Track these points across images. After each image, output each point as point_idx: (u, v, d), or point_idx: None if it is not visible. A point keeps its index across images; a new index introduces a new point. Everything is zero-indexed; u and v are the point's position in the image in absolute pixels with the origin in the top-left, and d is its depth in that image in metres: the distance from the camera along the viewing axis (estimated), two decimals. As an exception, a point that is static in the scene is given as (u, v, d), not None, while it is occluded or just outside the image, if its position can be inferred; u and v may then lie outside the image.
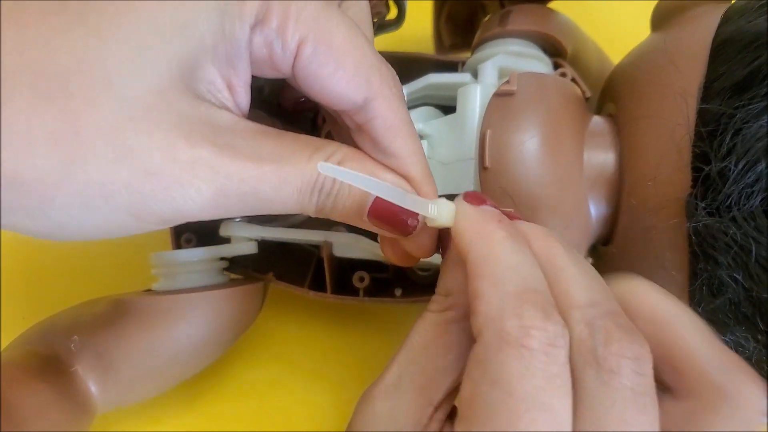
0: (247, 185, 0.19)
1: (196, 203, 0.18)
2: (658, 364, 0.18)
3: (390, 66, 0.22)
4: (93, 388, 0.28)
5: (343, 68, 0.20)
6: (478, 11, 0.38)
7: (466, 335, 0.21)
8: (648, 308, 0.20)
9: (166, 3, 0.18)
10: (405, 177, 0.22)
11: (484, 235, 0.20)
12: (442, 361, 0.21)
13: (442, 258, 0.23)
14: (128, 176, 0.17)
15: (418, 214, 0.21)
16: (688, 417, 0.18)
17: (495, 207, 0.21)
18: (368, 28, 0.26)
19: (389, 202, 0.20)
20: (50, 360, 0.28)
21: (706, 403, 0.18)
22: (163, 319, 0.28)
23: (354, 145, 0.22)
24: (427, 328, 0.22)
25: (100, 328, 0.28)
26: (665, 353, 0.19)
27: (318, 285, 0.31)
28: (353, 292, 0.31)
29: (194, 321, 0.29)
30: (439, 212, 0.21)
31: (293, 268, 0.32)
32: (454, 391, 0.21)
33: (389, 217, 0.21)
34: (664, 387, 0.19)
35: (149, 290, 0.31)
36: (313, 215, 0.21)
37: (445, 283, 0.22)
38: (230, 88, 0.20)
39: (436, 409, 0.20)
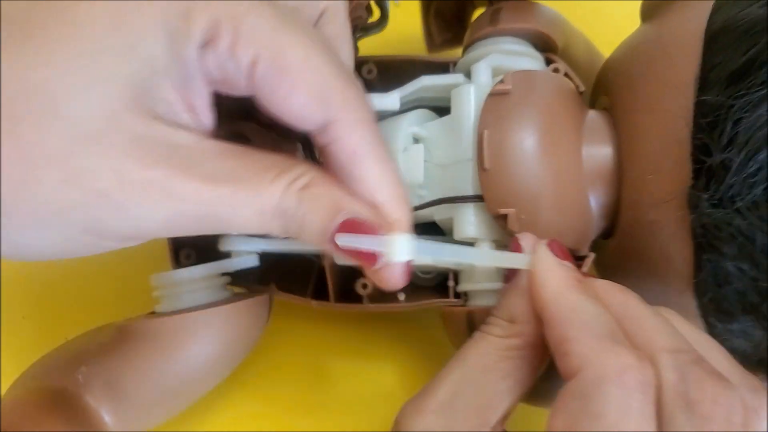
0: (203, 207, 0.19)
1: (151, 223, 0.18)
2: None
3: (358, 86, 0.21)
4: (106, 417, 0.27)
5: (297, 89, 0.19)
6: (466, 5, 0.38)
7: (528, 364, 0.22)
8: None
9: (113, 24, 0.17)
10: (372, 204, 0.20)
11: (565, 291, 0.21)
12: (501, 384, 0.21)
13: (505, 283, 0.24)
14: (80, 196, 0.17)
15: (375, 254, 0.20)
16: None
17: (572, 261, 0.23)
18: (346, 44, 0.25)
19: (350, 231, 0.20)
20: (59, 394, 0.27)
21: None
22: (171, 340, 0.28)
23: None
24: (488, 351, 0.22)
25: (106, 356, 0.28)
26: None
27: (321, 294, 0.31)
28: (356, 299, 0.31)
29: (202, 339, 0.28)
30: (392, 250, 0.20)
31: (295, 279, 0.32)
32: (508, 416, 0.22)
33: (351, 251, 0.20)
34: None
35: (153, 313, 0.30)
36: (281, 237, 0.21)
37: (509, 309, 0.23)
38: (190, 107, 0.19)
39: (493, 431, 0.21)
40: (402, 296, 0.32)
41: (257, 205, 0.19)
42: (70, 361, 0.28)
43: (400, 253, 0.20)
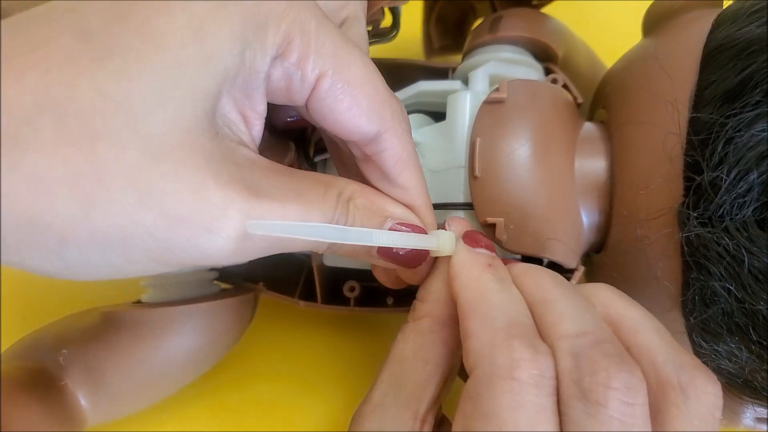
0: None
1: (222, 250, 0.17)
2: None
3: (398, 99, 0.22)
4: (83, 401, 0.28)
5: (358, 103, 0.20)
6: (468, 13, 0.38)
7: (443, 345, 0.22)
8: (605, 309, 0.21)
9: (191, 37, 0.17)
10: (410, 207, 0.22)
11: (474, 279, 0.21)
12: (421, 373, 0.21)
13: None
14: (152, 221, 0.16)
15: (427, 250, 0.22)
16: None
17: (490, 249, 0.23)
18: (366, 46, 0.26)
19: None
20: (39, 374, 0.27)
21: (664, 399, 0.18)
22: (154, 331, 0.28)
23: (357, 171, 0.23)
24: (405, 341, 0.22)
25: (89, 341, 0.28)
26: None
27: (309, 295, 0.31)
28: (344, 301, 0.31)
29: (185, 333, 0.29)
30: (442, 245, 0.22)
31: (284, 278, 0.32)
32: (437, 400, 0.22)
33: (397, 256, 0.22)
34: None
35: (138, 302, 0.30)
36: (321, 252, 0.21)
37: (423, 290, 0.23)
38: (245, 120, 0.19)
39: (423, 421, 0.21)
40: (390, 300, 0.32)
41: (319, 219, 0.19)
42: (52, 343, 0.28)
43: (449, 247, 0.22)
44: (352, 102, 0.20)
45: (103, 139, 0.16)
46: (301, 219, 0.19)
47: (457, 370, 0.23)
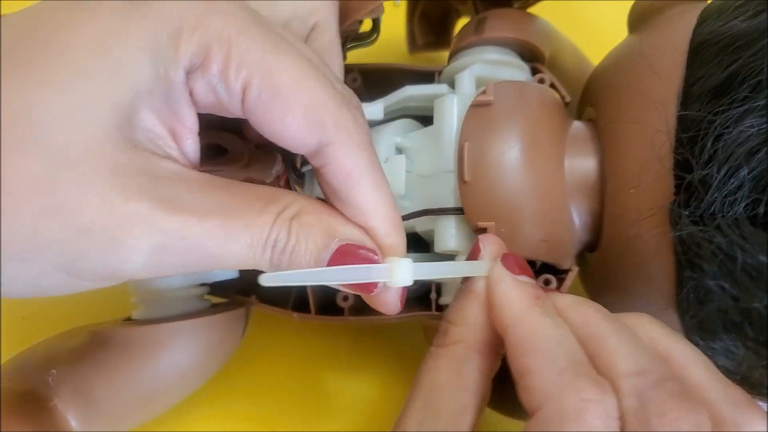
0: (190, 242, 0.18)
1: (133, 262, 0.17)
2: None
3: (354, 108, 0.20)
4: (73, 422, 0.27)
5: (291, 112, 0.19)
6: (451, 11, 0.38)
7: (479, 372, 0.21)
8: (652, 342, 0.20)
9: (98, 48, 0.17)
10: (367, 229, 0.20)
11: (525, 313, 0.20)
12: (459, 401, 0.21)
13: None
14: (58, 231, 0.16)
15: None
16: None
17: (529, 275, 0.22)
18: (336, 58, 0.25)
19: (346, 258, 0.19)
20: (27, 396, 0.27)
21: None
22: (144, 350, 0.28)
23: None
24: (439, 368, 0.22)
25: (78, 361, 0.28)
26: None
27: (302, 306, 0.31)
28: (338, 311, 0.30)
29: (176, 351, 0.28)
30: (395, 277, 0.20)
31: (276, 290, 0.32)
32: (474, 430, 0.21)
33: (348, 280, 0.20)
34: None
35: (128, 319, 0.30)
36: (269, 271, 0.20)
37: (456, 313, 0.22)
38: (174, 135, 0.19)
39: None
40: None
41: (247, 239, 0.18)
42: (41, 363, 0.28)
43: (400, 278, 0.20)
44: (284, 112, 0.19)
45: (6, 149, 0.16)
46: (224, 236, 0.18)
47: (488, 399, 0.22)
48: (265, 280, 0.19)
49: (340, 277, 0.20)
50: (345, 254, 0.19)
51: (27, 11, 0.18)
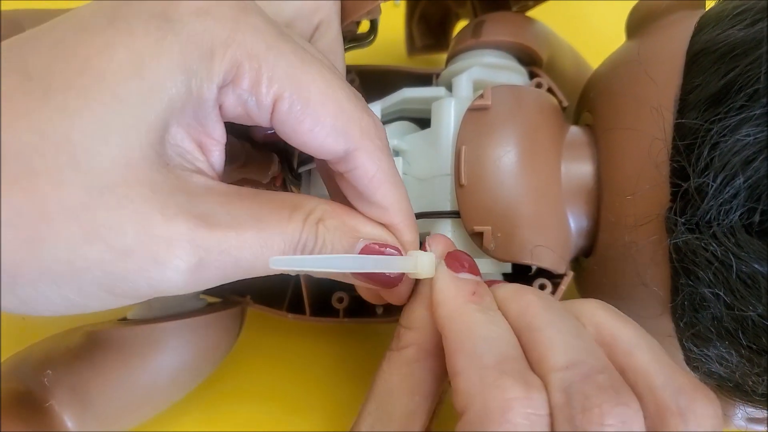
0: (229, 255, 0.18)
1: (173, 281, 0.17)
2: None
3: (372, 114, 0.21)
4: (69, 422, 0.27)
5: (321, 123, 0.19)
6: (450, 13, 0.38)
7: (430, 374, 0.21)
8: (597, 329, 0.20)
9: (131, 71, 0.17)
10: (388, 226, 0.22)
11: (458, 310, 0.20)
12: (408, 404, 0.21)
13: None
14: (99, 255, 0.16)
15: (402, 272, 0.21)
16: None
17: (474, 271, 0.22)
18: (339, 58, 0.25)
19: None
20: (23, 396, 0.27)
21: (663, 424, 0.18)
22: (140, 349, 0.28)
23: (336, 186, 0.22)
24: (391, 371, 0.22)
25: (74, 361, 0.28)
26: (620, 374, 0.19)
27: (297, 307, 0.31)
28: (333, 312, 0.30)
29: (172, 350, 0.28)
30: (420, 267, 0.21)
31: (271, 291, 0.32)
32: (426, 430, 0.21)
33: (373, 275, 0.21)
34: None
35: (124, 319, 0.30)
36: (294, 274, 0.21)
37: (407, 317, 0.23)
38: (202, 148, 0.19)
39: None
40: (380, 310, 0.31)
41: (281, 246, 0.19)
42: (36, 364, 0.28)
43: (428, 269, 0.21)
44: (314, 122, 0.19)
45: (43, 177, 0.16)
46: (260, 245, 0.18)
47: (443, 398, 0.22)
48: (275, 263, 0.19)
49: (369, 266, 0.20)
50: (370, 252, 0.21)
51: (53, 32, 0.18)
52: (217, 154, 0.20)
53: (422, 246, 0.23)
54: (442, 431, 0.23)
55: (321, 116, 0.19)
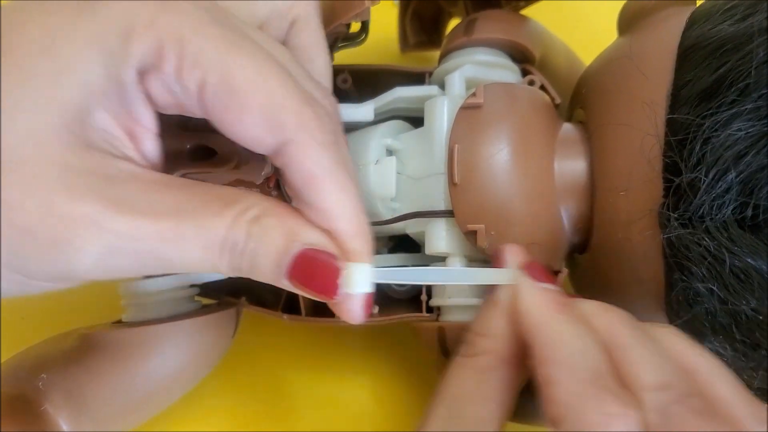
0: (142, 244, 0.17)
1: (81, 263, 0.17)
2: None
3: (321, 107, 0.20)
4: (64, 426, 0.27)
5: (248, 111, 0.18)
6: (443, 10, 0.38)
7: (504, 383, 0.21)
8: (678, 356, 0.20)
9: (45, 48, 0.17)
10: (330, 233, 0.20)
11: (550, 321, 0.20)
12: (482, 412, 0.21)
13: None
14: (3, 232, 0.16)
15: (337, 280, 0.19)
16: None
17: (553, 282, 0.22)
18: (320, 54, 0.25)
19: (307, 263, 0.19)
20: (18, 400, 0.27)
21: None
22: (135, 352, 0.27)
23: None
24: (464, 377, 0.22)
25: (69, 364, 0.27)
26: None
27: (292, 307, 0.31)
28: (329, 312, 0.30)
29: (167, 352, 0.28)
30: (348, 281, 0.20)
31: (266, 291, 0.32)
32: None
33: (308, 281, 0.19)
34: None
35: (119, 322, 0.30)
36: (229, 275, 0.19)
37: (482, 323, 0.22)
38: (131, 135, 0.19)
39: None
40: (375, 309, 0.31)
41: (202, 240, 0.18)
42: (31, 368, 0.27)
43: (358, 284, 0.20)
44: (241, 111, 0.18)
45: None
46: (175, 236, 0.18)
47: (512, 411, 0.22)
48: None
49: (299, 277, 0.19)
50: (305, 258, 0.19)
51: None
52: (149, 143, 0.19)
53: (497, 258, 0.23)
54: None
55: (248, 105, 0.18)
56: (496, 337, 0.22)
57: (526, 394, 0.22)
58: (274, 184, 0.28)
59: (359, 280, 0.20)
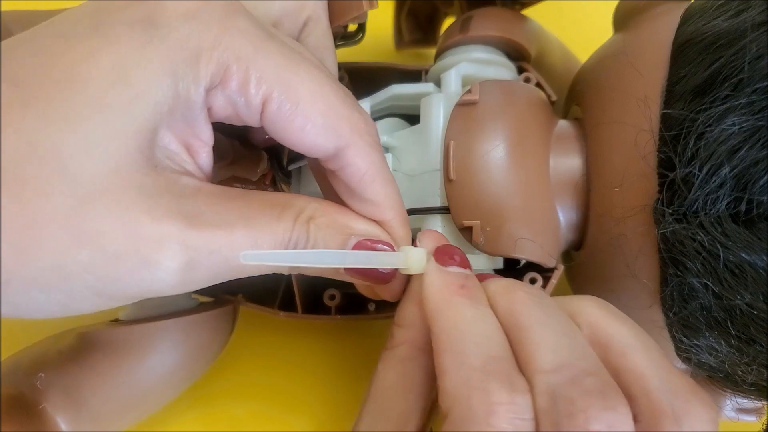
0: (219, 255, 0.18)
1: (164, 282, 0.18)
2: None
3: (363, 111, 0.21)
4: (62, 425, 0.27)
5: (311, 121, 0.19)
6: (439, 8, 0.38)
7: (424, 372, 0.21)
8: (592, 328, 0.20)
9: (116, 77, 0.17)
10: (380, 222, 0.22)
11: (446, 305, 0.20)
12: (403, 403, 0.21)
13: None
14: (89, 259, 0.17)
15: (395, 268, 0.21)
16: None
17: (465, 265, 0.22)
18: (329, 54, 0.25)
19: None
20: (16, 400, 0.27)
21: (656, 425, 0.17)
22: (133, 349, 0.28)
23: (329, 184, 0.22)
24: (386, 370, 0.22)
25: (66, 363, 0.28)
26: (614, 376, 0.18)
27: (289, 305, 0.31)
28: (325, 310, 0.30)
29: (164, 349, 0.28)
30: (410, 263, 0.21)
31: (263, 289, 0.32)
32: (423, 429, 0.21)
33: (365, 270, 0.21)
34: None
35: (116, 320, 0.30)
36: (287, 273, 0.21)
37: (399, 314, 0.23)
38: (189, 150, 0.19)
39: None
40: (372, 306, 0.31)
41: (271, 244, 0.19)
42: (28, 367, 0.28)
43: (415, 265, 0.21)
44: (304, 121, 0.19)
45: (31, 186, 0.16)
46: (251, 244, 0.19)
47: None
48: (247, 258, 0.18)
49: (361, 262, 0.20)
50: (363, 248, 0.21)
51: (37, 39, 0.18)
52: (205, 156, 0.20)
53: (414, 242, 0.23)
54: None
55: (311, 115, 0.19)
56: (411, 326, 0.22)
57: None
58: (270, 180, 0.28)
59: (416, 261, 0.21)
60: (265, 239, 0.19)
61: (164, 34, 0.18)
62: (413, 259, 0.21)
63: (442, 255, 0.22)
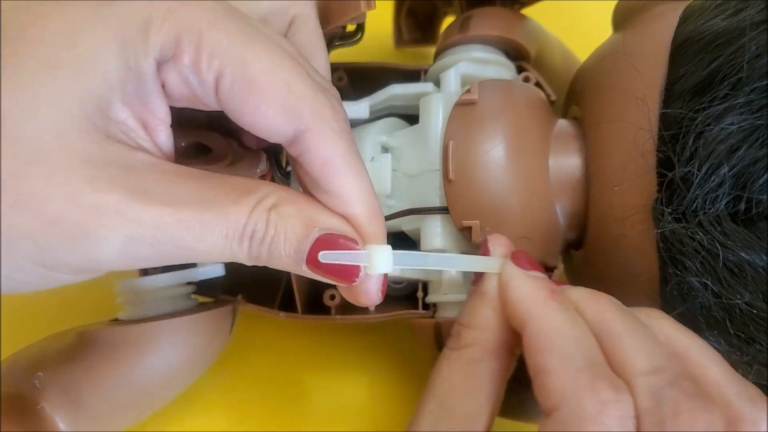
0: (164, 233, 0.17)
1: (105, 252, 0.17)
2: None
3: (333, 98, 0.20)
4: (61, 425, 0.27)
5: (266, 102, 0.19)
6: (438, 8, 0.38)
7: (493, 374, 0.21)
8: (667, 339, 0.21)
9: (67, 40, 0.17)
10: (347, 217, 0.20)
11: (542, 309, 0.20)
12: (471, 404, 0.21)
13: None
14: (29, 223, 0.16)
15: (357, 266, 0.20)
16: None
17: (541, 270, 0.22)
18: (319, 52, 0.25)
19: (326, 248, 0.19)
20: (14, 399, 0.27)
21: (738, 428, 0.18)
22: (132, 349, 0.27)
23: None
24: (452, 370, 0.22)
25: (65, 363, 0.27)
26: None
27: (289, 305, 0.31)
28: (325, 310, 0.30)
29: (164, 350, 0.28)
30: (373, 262, 0.20)
31: (263, 289, 0.32)
32: None
33: (328, 266, 0.19)
34: None
35: (115, 320, 0.30)
36: (248, 264, 0.19)
37: (468, 315, 0.22)
38: (146, 127, 0.19)
39: None
40: (372, 307, 0.31)
41: (222, 229, 0.18)
42: (27, 367, 0.28)
43: (380, 264, 0.20)
44: (259, 101, 0.19)
45: None
46: (197, 225, 0.18)
47: (501, 401, 0.22)
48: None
49: (326, 259, 0.19)
50: (325, 244, 0.19)
51: (4, 6, 0.18)
52: (163, 134, 0.19)
53: (484, 246, 0.23)
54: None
55: (266, 94, 0.19)
56: (482, 328, 0.22)
57: (510, 388, 0.22)
58: (270, 180, 0.28)
59: (381, 260, 0.20)
60: (216, 222, 0.18)
61: (115, 3, 0.17)
62: (376, 258, 0.20)
63: (522, 260, 0.22)
